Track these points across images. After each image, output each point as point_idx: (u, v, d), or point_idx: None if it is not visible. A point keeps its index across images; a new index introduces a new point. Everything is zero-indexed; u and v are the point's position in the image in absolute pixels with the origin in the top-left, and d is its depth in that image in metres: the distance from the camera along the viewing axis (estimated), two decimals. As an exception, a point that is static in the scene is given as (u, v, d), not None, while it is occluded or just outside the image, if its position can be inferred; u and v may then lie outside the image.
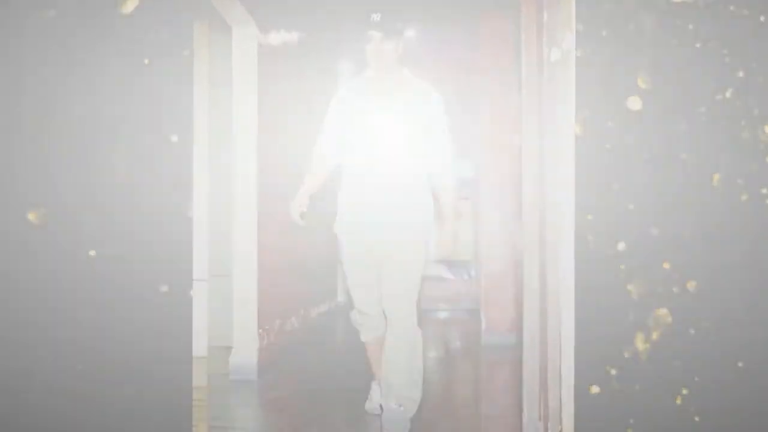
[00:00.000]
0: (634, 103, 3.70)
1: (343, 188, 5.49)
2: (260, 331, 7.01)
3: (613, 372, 3.70)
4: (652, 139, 3.70)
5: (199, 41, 7.48)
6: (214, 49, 7.72)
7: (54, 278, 3.68)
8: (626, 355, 3.70)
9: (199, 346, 7.26)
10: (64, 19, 3.65)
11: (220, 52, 7.62)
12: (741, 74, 3.70)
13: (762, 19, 3.69)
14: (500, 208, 8.58)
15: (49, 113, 3.67)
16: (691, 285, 3.69)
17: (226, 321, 7.35)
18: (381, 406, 5.47)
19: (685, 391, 3.69)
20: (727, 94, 3.70)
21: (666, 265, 3.70)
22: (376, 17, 5.19)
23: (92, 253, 3.68)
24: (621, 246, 3.70)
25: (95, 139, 3.69)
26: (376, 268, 5.41)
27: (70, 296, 3.69)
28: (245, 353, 6.94)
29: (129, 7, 3.66)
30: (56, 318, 3.69)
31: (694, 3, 3.69)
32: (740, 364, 3.68)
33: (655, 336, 3.69)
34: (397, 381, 5.34)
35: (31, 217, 3.67)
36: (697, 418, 3.67)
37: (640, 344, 3.70)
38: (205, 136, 7.64)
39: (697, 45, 3.70)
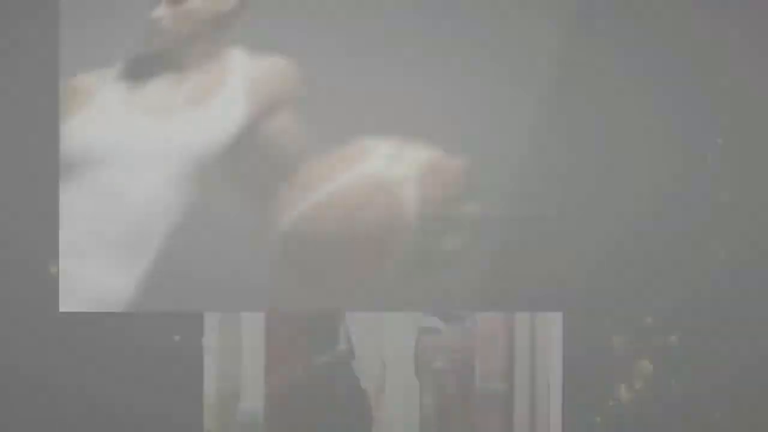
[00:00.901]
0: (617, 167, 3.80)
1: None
2: (267, 378, 7.09)
3: (598, 419, 3.83)
4: (634, 202, 3.82)
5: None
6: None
7: (73, 327, 3.82)
8: (611, 403, 3.84)
9: (209, 393, 7.30)
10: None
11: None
12: (720, 141, 3.85)
13: (743, 88, 3.83)
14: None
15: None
16: (673, 339, 3.83)
17: (235, 368, 7.40)
18: (380, 451, 5.59)
19: (666, 439, 3.81)
20: (707, 160, 3.84)
21: (649, 320, 3.85)
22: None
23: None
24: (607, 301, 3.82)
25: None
26: (377, 318, 5.55)
27: (87, 344, 3.83)
28: (253, 400, 7.00)
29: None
30: (74, 363, 3.81)
31: (679, 76, 3.82)
32: (718, 415, 3.80)
33: (638, 386, 3.83)
34: (396, 427, 5.47)
35: (53, 270, 3.82)
36: (678, 465, 3.82)
37: (624, 394, 3.83)
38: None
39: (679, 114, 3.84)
